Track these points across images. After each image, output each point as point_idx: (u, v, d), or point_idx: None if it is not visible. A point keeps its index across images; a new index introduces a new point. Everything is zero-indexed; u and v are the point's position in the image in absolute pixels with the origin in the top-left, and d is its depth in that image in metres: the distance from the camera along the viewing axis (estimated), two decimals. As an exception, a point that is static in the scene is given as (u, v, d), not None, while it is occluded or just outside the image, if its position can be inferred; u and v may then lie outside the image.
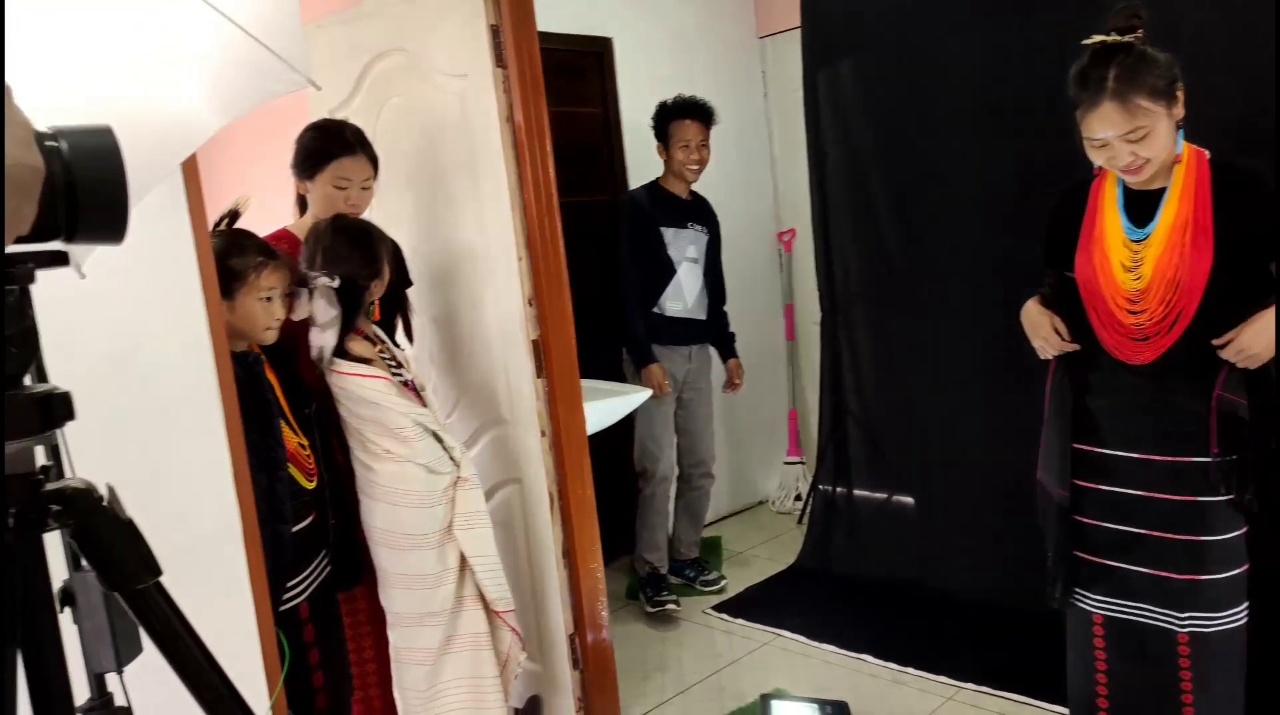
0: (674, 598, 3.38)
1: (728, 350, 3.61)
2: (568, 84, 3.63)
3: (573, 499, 2.52)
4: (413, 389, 2.21)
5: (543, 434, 2.49)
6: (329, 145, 2.25)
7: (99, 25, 1.00)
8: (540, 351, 2.46)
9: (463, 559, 2.20)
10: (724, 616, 3.31)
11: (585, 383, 2.62)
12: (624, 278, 3.32)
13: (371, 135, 2.40)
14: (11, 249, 0.58)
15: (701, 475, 3.56)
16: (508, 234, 2.40)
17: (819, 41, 3.51)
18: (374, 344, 2.19)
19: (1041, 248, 2.03)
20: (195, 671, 0.64)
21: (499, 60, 2.31)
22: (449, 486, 2.18)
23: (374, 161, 2.30)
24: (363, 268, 2.12)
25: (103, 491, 0.61)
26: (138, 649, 1.06)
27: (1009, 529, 2.89)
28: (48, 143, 0.58)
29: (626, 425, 3.22)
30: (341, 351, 2.11)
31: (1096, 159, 1.80)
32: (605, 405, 2.89)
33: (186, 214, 1.71)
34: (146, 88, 1.02)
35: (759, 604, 3.38)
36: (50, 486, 0.59)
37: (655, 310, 3.36)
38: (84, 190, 0.58)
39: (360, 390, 2.10)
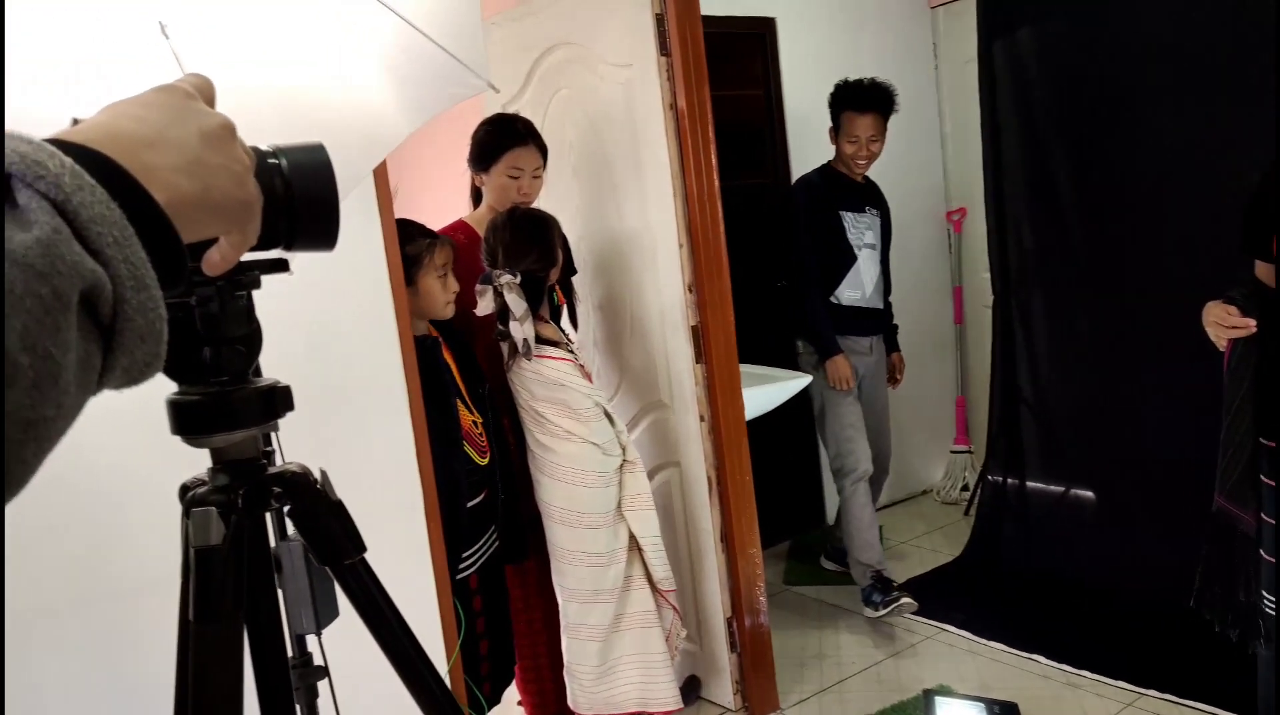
0: (906, 595, 3.03)
1: (890, 343, 3.43)
2: (729, 66, 3.62)
3: (731, 483, 2.54)
4: (585, 372, 2.29)
5: (701, 419, 2.51)
6: (502, 138, 2.35)
7: (301, 38, 1.08)
8: (700, 337, 2.48)
9: (630, 539, 2.27)
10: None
11: (744, 368, 2.62)
12: (803, 265, 3.14)
13: (540, 127, 2.48)
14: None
15: (879, 471, 3.36)
16: (669, 220, 2.43)
17: (996, 10, 3.33)
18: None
19: (1239, 231, 1.86)
20: (392, 639, 0.70)
21: (663, 48, 2.33)
22: (618, 468, 2.25)
23: (543, 151, 2.39)
24: (540, 259, 2.20)
25: (316, 475, 0.68)
26: (335, 613, 1.16)
27: (1197, 527, 2.69)
28: (269, 160, 0.64)
29: (788, 411, 3.19)
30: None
31: None
32: (764, 391, 2.89)
33: (376, 211, 1.83)
34: (345, 97, 1.10)
35: (922, 596, 3.28)
36: (272, 470, 0.66)
37: (831, 299, 3.18)
38: (302, 203, 0.64)
39: (550, 371, 2.19)
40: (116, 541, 1.60)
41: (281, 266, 0.66)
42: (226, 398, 0.63)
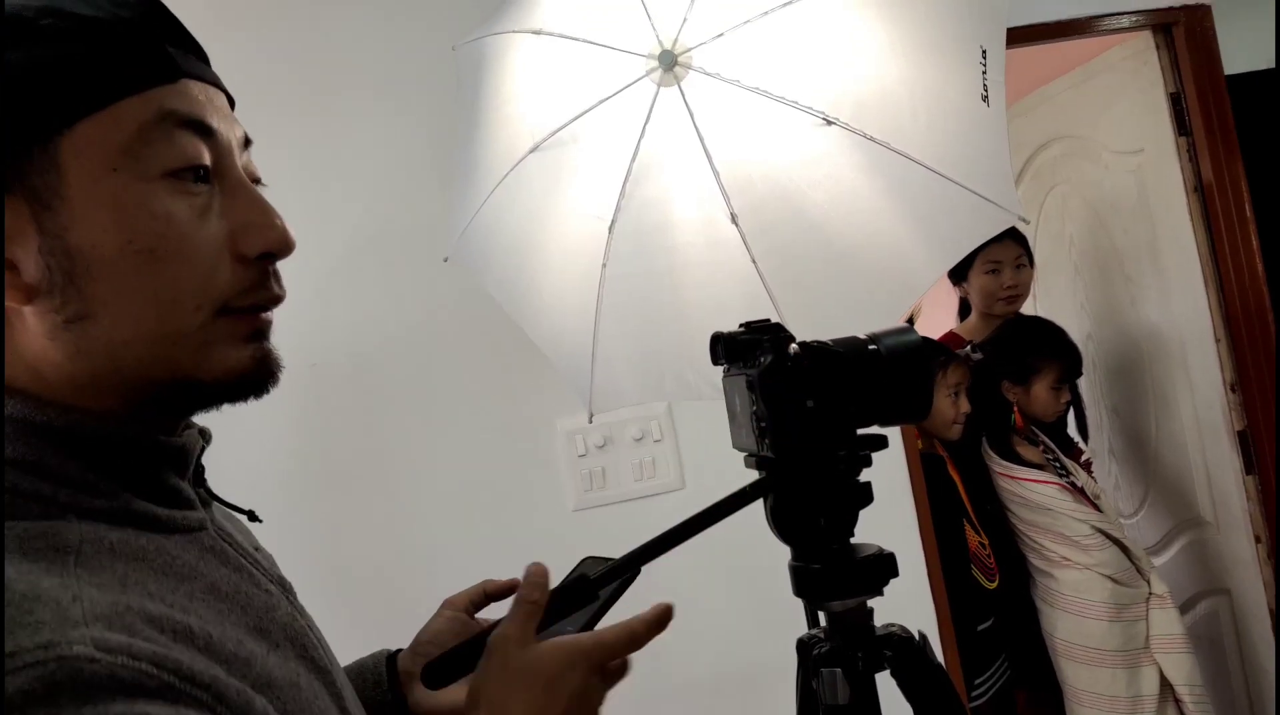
0: None
1: None
2: (1258, 130, 3.15)
3: (1304, 619, 2.11)
4: (1084, 495, 2.08)
5: (1258, 540, 2.14)
6: None
7: (841, 201, 1.18)
8: (1250, 443, 2.13)
9: (1163, 686, 1.98)
10: None
11: (1313, 478, 2.19)
12: None
13: (1034, 224, 2.39)
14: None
15: None
16: (1200, 313, 2.16)
17: None
18: (1037, 446, 2.13)
19: None
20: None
21: (1180, 128, 2.12)
22: (1140, 602, 1.99)
23: (1021, 241, 2.30)
24: (1001, 361, 2.12)
25: (915, 636, 0.72)
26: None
27: None
28: (869, 347, 0.71)
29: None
30: (1011, 454, 2.09)
31: None
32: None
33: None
34: (880, 252, 1.18)
35: None
36: (880, 632, 0.70)
37: None
38: (898, 384, 0.69)
39: (1031, 495, 2.05)
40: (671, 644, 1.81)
41: (882, 443, 0.71)
42: (844, 566, 0.70)
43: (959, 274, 2.38)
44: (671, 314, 1.18)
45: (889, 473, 1.92)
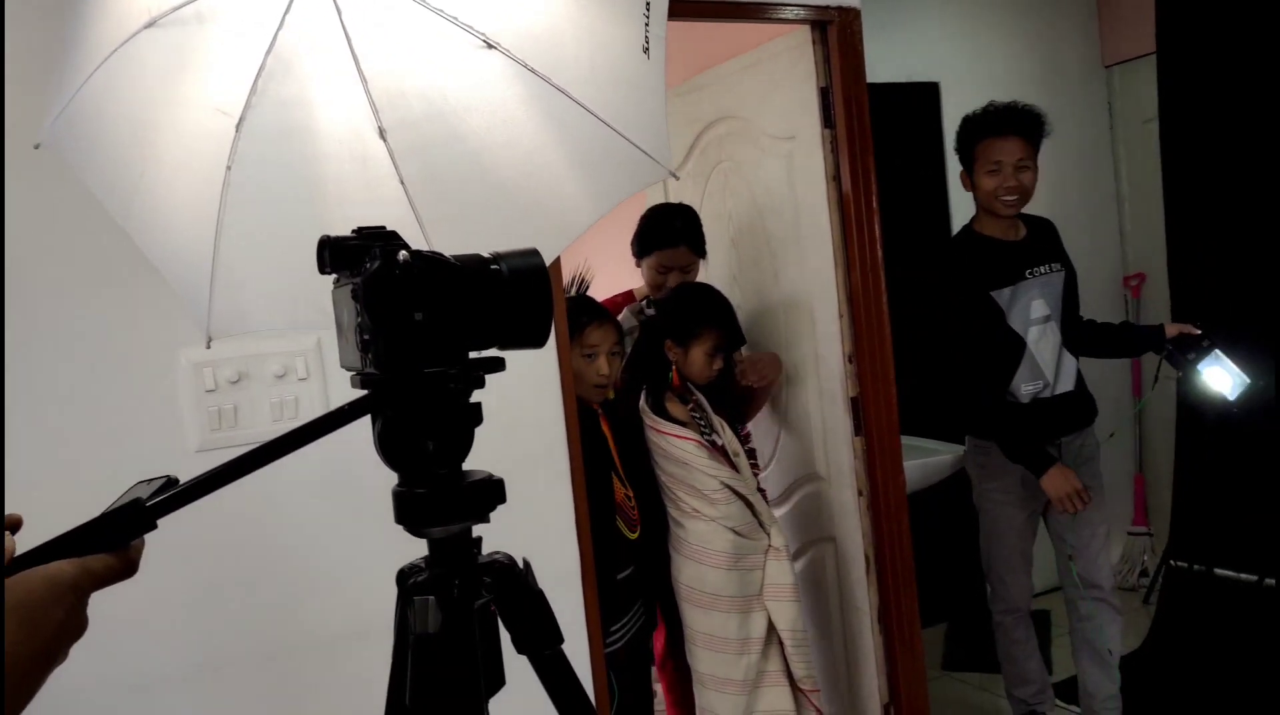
0: None
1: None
2: (892, 133, 3.58)
3: (890, 562, 2.44)
4: (723, 452, 2.25)
5: (860, 493, 2.44)
6: (653, 238, 2.46)
7: (505, 131, 1.15)
8: (859, 409, 2.43)
9: (770, 633, 2.18)
10: (1059, 703, 3.02)
11: (906, 440, 2.54)
12: (960, 365, 2.51)
13: (699, 198, 2.52)
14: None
15: (1095, 601, 2.62)
16: (829, 290, 2.41)
17: (1177, 67, 3.18)
18: (687, 405, 2.27)
19: None
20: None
21: (826, 121, 2.34)
22: (759, 553, 2.18)
23: (697, 247, 2.46)
24: (667, 321, 2.26)
25: (519, 564, 0.71)
26: (501, 683, 1.18)
27: None
28: (492, 267, 0.68)
29: (949, 482, 3.06)
30: (661, 410, 2.21)
31: None
32: (926, 464, 2.79)
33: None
34: (540, 187, 1.16)
35: (1097, 691, 3.04)
36: (482, 560, 0.69)
37: (1007, 399, 2.51)
38: (518, 307, 0.67)
39: (673, 449, 2.17)
40: (305, 596, 1.70)
41: (499, 365, 0.69)
42: (448, 492, 0.67)
43: (637, 253, 2.48)
44: (309, 232, 1.07)
45: (546, 424, 1.93)
